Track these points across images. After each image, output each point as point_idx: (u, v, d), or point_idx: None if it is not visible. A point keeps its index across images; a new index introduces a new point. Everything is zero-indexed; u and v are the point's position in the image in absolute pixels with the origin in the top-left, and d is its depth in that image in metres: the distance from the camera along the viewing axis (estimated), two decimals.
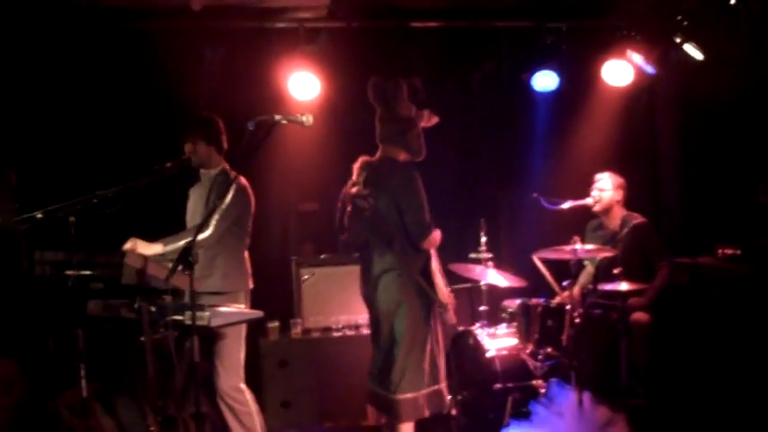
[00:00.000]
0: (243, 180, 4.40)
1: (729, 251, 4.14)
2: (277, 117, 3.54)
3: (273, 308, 5.81)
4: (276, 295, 5.91)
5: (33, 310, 4.29)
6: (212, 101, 5.71)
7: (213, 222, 4.17)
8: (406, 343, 4.22)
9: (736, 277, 4.03)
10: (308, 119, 3.60)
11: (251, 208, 4.46)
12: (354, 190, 4.34)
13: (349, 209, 4.37)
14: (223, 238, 4.28)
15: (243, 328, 4.34)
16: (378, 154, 4.43)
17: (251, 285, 4.48)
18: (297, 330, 5.66)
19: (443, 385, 4.38)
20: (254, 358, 5.58)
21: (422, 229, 4.21)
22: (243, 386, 4.34)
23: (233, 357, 4.30)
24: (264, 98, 5.82)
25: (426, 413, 4.28)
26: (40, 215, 3.68)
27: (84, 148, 5.71)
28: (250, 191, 4.45)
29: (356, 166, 4.42)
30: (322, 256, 5.88)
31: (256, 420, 4.35)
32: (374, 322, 4.40)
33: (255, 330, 5.66)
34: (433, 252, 4.42)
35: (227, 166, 4.44)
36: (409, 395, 4.21)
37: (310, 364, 5.55)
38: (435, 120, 4.61)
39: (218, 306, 4.02)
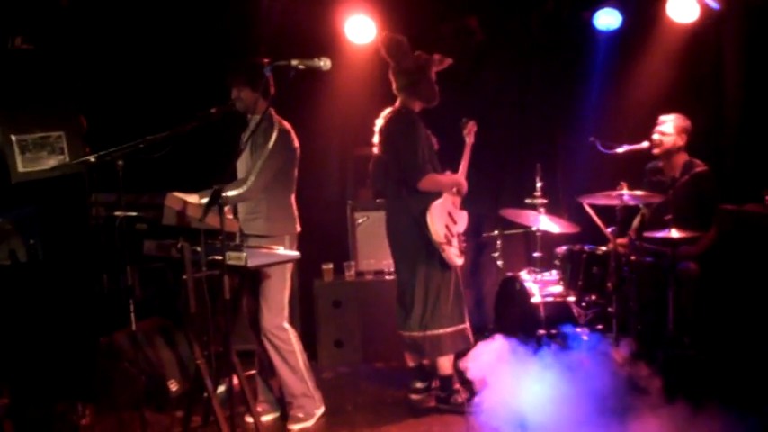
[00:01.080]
0: (285, 124, 4.46)
1: None
2: (294, 62, 3.59)
3: (328, 250, 6.00)
4: (331, 238, 6.08)
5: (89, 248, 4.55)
6: (270, 43, 5.82)
7: (252, 177, 4.26)
8: (419, 283, 4.52)
9: None
10: (325, 63, 3.64)
11: (295, 153, 4.51)
12: (374, 140, 4.70)
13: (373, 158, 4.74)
14: (268, 183, 4.40)
15: (287, 270, 4.47)
16: (396, 104, 4.70)
17: (298, 229, 4.58)
18: (350, 273, 5.82)
19: (466, 325, 4.62)
20: (310, 298, 5.82)
21: (414, 170, 4.46)
22: (286, 325, 4.50)
23: (276, 297, 4.45)
24: (321, 42, 5.87)
25: (450, 351, 4.54)
26: (92, 159, 3.89)
27: (152, 93, 5.92)
28: (293, 135, 4.50)
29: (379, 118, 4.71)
30: (377, 201, 5.97)
31: (299, 358, 4.51)
32: (395, 265, 4.74)
33: (311, 272, 5.87)
34: (446, 195, 4.61)
35: (272, 111, 4.48)
36: (429, 333, 4.51)
37: (363, 306, 5.72)
38: (448, 62, 4.71)
39: (260, 247, 4.21)
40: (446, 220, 4.57)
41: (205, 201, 4.16)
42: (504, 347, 4.55)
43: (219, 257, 3.84)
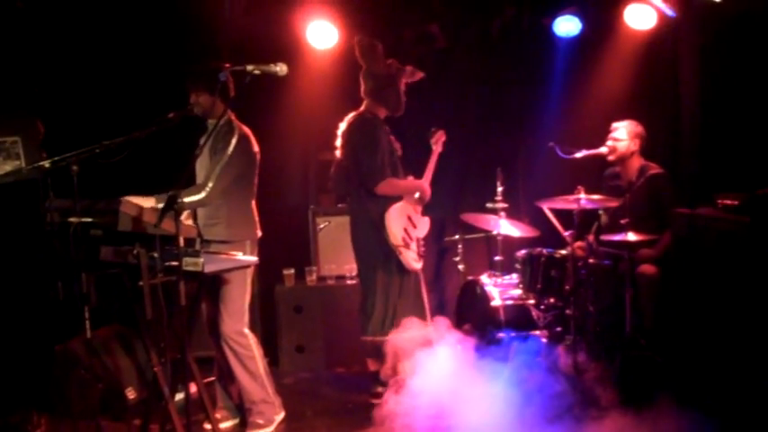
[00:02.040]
0: (245, 129, 4.43)
1: (728, 201, 4.02)
2: (249, 67, 3.59)
3: (290, 255, 5.99)
4: (293, 243, 6.06)
5: (43, 254, 4.49)
6: (231, 48, 5.82)
7: (211, 182, 4.23)
8: (379, 288, 4.57)
9: (731, 228, 3.93)
10: (281, 68, 3.64)
11: (255, 158, 4.49)
12: (337, 144, 4.75)
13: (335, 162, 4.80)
14: (227, 189, 4.38)
15: (247, 275, 4.45)
16: (361, 108, 4.73)
17: (258, 234, 4.56)
18: (312, 277, 5.81)
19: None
20: (271, 304, 5.80)
21: (372, 174, 4.51)
22: (246, 331, 4.47)
23: (237, 303, 4.42)
24: (283, 47, 5.86)
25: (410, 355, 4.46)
26: (47, 164, 3.85)
27: (111, 98, 5.83)
28: (253, 140, 4.48)
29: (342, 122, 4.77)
30: (339, 205, 5.97)
31: (260, 364, 4.48)
32: (357, 270, 4.81)
33: (272, 277, 5.85)
34: (406, 200, 4.69)
35: (231, 116, 4.45)
36: (379, 337, 4.56)
37: (324, 311, 5.71)
38: (419, 75, 4.79)
39: (218, 253, 4.17)
40: (405, 224, 4.60)
41: (161, 206, 4.19)
42: (452, 349, 4.54)
43: (176, 263, 3.83)
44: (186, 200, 4.12)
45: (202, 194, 4.22)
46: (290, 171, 6.44)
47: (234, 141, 4.29)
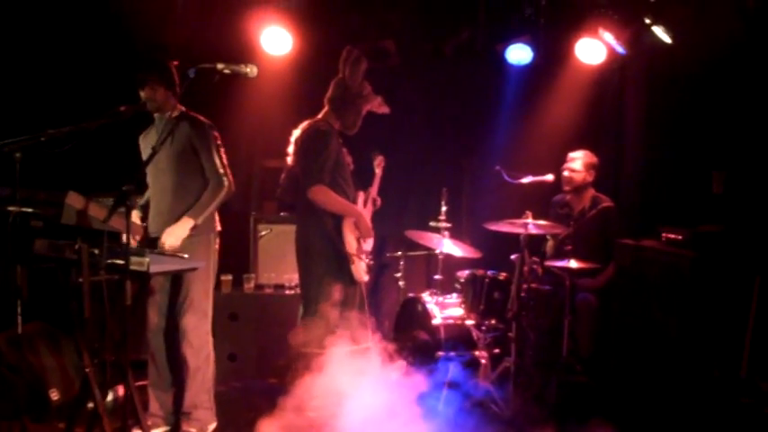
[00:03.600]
0: (201, 117, 4.40)
1: (672, 235, 4.16)
2: (219, 66, 3.52)
3: (228, 261, 5.82)
4: (233, 249, 5.89)
5: None
6: (182, 47, 5.67)
7: (222, 173, 4.31)
8: (324, 299, 4.43)
9: (674, 262, 4.06)
10: (251, 70, 3.60)
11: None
12: (289, 150, 4.65)
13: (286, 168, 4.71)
14: (188, 179, 4.31)
15: (211, 274, 4.45)
16: (318, 116, 4.64)
17: (218, 227, 4.52)
18: (250, 285, 5.70)
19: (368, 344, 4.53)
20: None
21: (309, 176, 4.40)
22: (209, 332, 4.45)
23: (203, 302, 4.38)
24: (235, 50, 5.77)
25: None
26: None
27: (51, 87, 5.66)
28: (214, 126, 4.45)
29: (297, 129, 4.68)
30: (281, 214, 5.89)
31: (211, 369, 4.44)
32: (301, 280, 4.68)
33: None
34: (361, 207, 4.67)
35: (185, 109, 4.40)
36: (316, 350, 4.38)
37: (260, 320, 5.59)
38: (385, 110, 4.75)
39: (181, 250, 4.10)
40: (357, 234, 4.55)
41: (202, 219, 4.23)
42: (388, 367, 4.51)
43: (119, 261, 3.69)
44: (216, 201, 4.27)
45: (224, 189, 4.29)
46: (233, 176, 6.30)
47: (210, 133, 4.33)
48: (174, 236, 4.19)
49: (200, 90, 3.80)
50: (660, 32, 5.04)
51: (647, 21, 5.00)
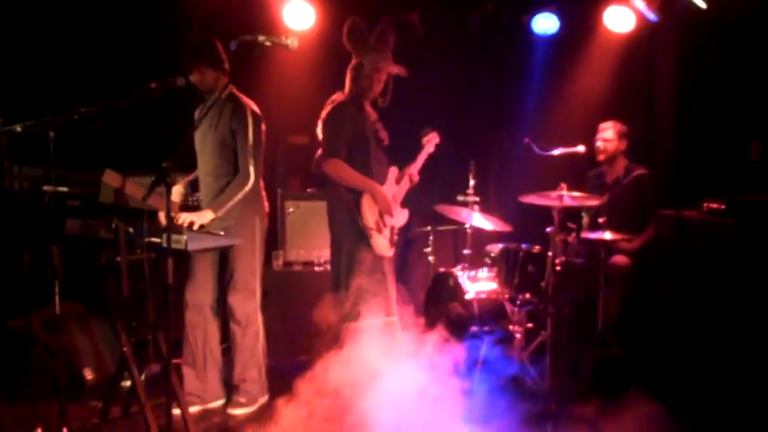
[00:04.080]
0: (253, 105, 4.38)
1: (714, 206, 4.10)
2: (261, 38, 3.47)
3: None
4: None
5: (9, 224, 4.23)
6: (204, 22, 5.61)
7: (251, 168, 4.28)
8: (348, 272, 4.42)
9: (718, 232, 4.00)
10: (293, 42, 3.53)
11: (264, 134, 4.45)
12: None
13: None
14: (226, 164, 4.32)
15: (256, 250, 4.47)
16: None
17: (266, 209, 4.56)
18: (278, 262, 5.66)
19: (393, 318, 4.50)
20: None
21: (324, 150, 4.39)
22: (258, 309, 4.52)
23: (250, 280, 4.44)
24: (257, 25, 5.68)
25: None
26: (19, 128, 3.58)
27: (71, 64, 5.60)
28: (260, 113, 4.42)
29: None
30: (308, 190, 5.83)
31: (261, 341, 4.56)
32: (331, 255, 4.66)
33: None
34: (385, 187, 4.52)
35: (235, 91, 4.38)
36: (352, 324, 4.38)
37: (289, 297, 5.55)
38: (400, 71, 4.63)
39: (224, 231, 4.14)
40: (377, 208, 4.47)
41: (222, 212, 4.20)
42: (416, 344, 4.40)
43: (156, 239, 3.66)
44: (239, 195, 4.23)
45: (249, 184, 4.27)
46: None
47: (251, 121, 4.29)
48: (188, 219, 4.14)
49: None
50: None
51: None
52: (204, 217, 4.16)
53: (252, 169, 4.27)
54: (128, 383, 4.19)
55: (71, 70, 5.57)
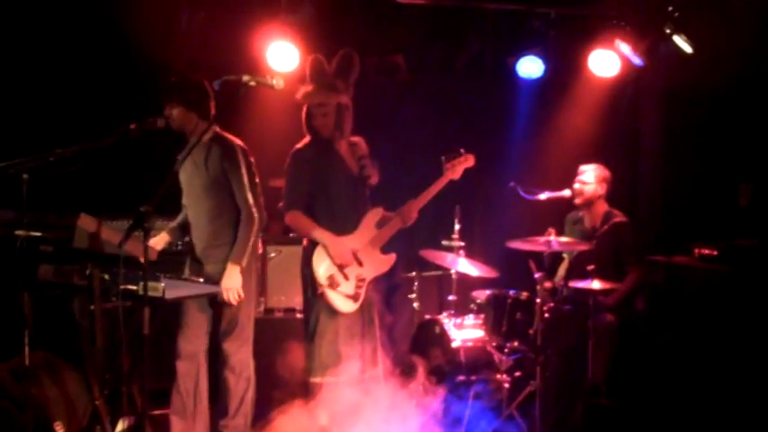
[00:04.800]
0: (239, 142, 4.31)
1: (706, 251, 4.04)
2: (245, 78, 3.42)
3: None
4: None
5: None
6: (187, 64, 5.54)
7: (253, 207, 4.23)
8: (309, 326, 4.30)
9: (712, 278, 3.92)
10: (278, 82, 3.48)
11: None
12: None
13: None
14: (222, 205, 4.24)
15: (252, 297, 4.39)
16: None
17: (258, 251, 4.49)
18: (259, 309, 5.49)
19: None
20: (213, 334, 5.42)
21: (283, 205, 4.30)
22: (251, 357, 4.41)
23: (246, 326, 4.34)
24: (241, 66, 5.61)
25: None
26: None
27: (49, 106, 5.49)
28: (246, 148, 4.35)
29: None
30: (290, 235, 5.70)
31: (250, 394, 4.38)
32: None
33: None
34: (359, 233, 4.27)
35: (219, 131, 4.31)
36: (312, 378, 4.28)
37: (269, 346, 5.36)
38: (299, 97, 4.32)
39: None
40: (349, 259, 4.21)
41: (247, 256, 4.19)
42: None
43: (133, 287, 3.51)
44: (252, 236, 4.22)
45: (257, 222, 4.24)
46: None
47: (242, 159, 4.24)
48: (230, 287, 4.16)
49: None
50: (681, 42, 4.93)
51: (668, 30, 4.87)
52: (233, 274, 4.15)
53: (254, 206, 4.23)
54: None
55: (46, 111, 5.47)
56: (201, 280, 3.98)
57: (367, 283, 4.29)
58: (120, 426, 4.39)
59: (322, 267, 4.18)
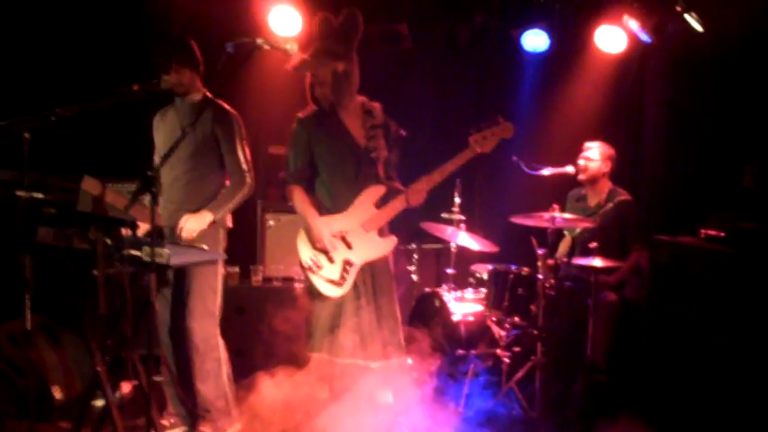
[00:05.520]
0: (226, 106, 4.16)
1: (713, 233, 4.01)
2: (259, 41, 3.35)
3: (235, 253, 5.56)
4: (239, 240, 5.66)
5: None
6: (186, 24, 5.42)
7: (246, 170, 4.11)
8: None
9: (718, 259, 3.91)
10: (292, 46, 3.43)
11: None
12: None
13: None
14: (204, 170, 4.10)
15: (219, 269, 4.16)
16: None
17: (229, 224, 4.29)
18: (257, 278, 5.45)
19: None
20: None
21: (283, 179, 4.12)
22: (217, 331, 4.16)
23: (209, 300, 4.10)
24: (242, 29, 5.52)
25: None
26: None
27: (45, 63, 5.38)
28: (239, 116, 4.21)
29: None
30: (289, 203, 5.63)
31: (224, 369, 4.20)
32: None
33: None
34: (351, 212, 3.99)
35: (209, 95, 4.19)
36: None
37: (268, 314, 5.32)
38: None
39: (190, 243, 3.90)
40: (330, 244, 3.94)
41: (221, 214, 4.05)
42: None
43: (136, 252, 3.44)
44: (238, 197, 4.10)
45: (247, 186, 4.11)
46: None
47: (235, 123, 4.11)
48: (190, 229, 3.97)
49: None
50: (692, 20, 4.87)
51: (679, 8, 4.81)
52: (203, 219, 3.97)
53: (246, 170, 4.10)
54: (99, 403, 4.00)
55: (44, 71, 5.34)
56: (205, 246, 3.88)
57: (358, 268, 3.94)
58: (117, 393, 4.36)
59: (304, 249, 4.01)
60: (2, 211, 3.42)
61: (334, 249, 3.94)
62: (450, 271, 5.42)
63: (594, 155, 5.18)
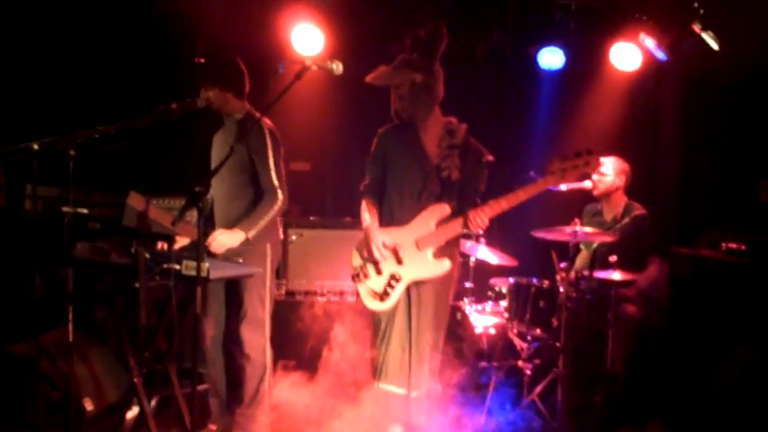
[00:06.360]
0: (269, 123, 4.24)
1: (734, 246, 4.11)
2: (308, 62, 3.39)
3: None
4: None
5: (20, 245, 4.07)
6: (211, 45, 5.52)
7: (277, 184, 4.12)
8: None
9: (739, 272, 4.01)
10: (338, 66, 3.48)
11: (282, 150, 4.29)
12: None
13: None
14: (242, 187, 4.17)
15: (267, 281, 4.22)
16: None
17: (280, 236, 4.38)
18: (280, 292, 5.53)
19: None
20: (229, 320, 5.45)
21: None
22: (268, 344, 4.26)
23: (259, 312, 4.19)
24: (265, 48, 5.66)
25: None
26: (36, 146, 3.44)
27: (76, 85, 5.49)
28: (277, 132, 4.27)
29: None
30: (311, 218, 5.74)
31: (266, 381, 4.26)
32: None
33: None
34: (411, 228, 3.84)
35: (252, 110, 4.27)
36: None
37: (290, 328, 5.42)
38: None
39: (238, 258, 4.00)
40: (379, 253, 3.80)
41: (254, 233, 4.00)
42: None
43: (175, 266, 3.53)
44: (270, 214, 4.08)
45: (279, 203, 4.12)
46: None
47: (269, 141, 4.16)
48: (220, 243, 4.01)
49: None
50: (709, 39, 4.99)
51: (697, 28, 4.93)
52: (235, 236, 4.00)
53: (278, 187, 4.12)
54: (130, 415, 4.08)
55: (82, 91, 5.46)
56: (241, 260, 3.97)
57: (406, 285, 3.79)
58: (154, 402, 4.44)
59: (356, 256, 3.96)
60: (48, 226, 3.52)
61: (384, 260, 3.81)
62: (468, 284, 5.51)
63: (608, 170, 5.27)
